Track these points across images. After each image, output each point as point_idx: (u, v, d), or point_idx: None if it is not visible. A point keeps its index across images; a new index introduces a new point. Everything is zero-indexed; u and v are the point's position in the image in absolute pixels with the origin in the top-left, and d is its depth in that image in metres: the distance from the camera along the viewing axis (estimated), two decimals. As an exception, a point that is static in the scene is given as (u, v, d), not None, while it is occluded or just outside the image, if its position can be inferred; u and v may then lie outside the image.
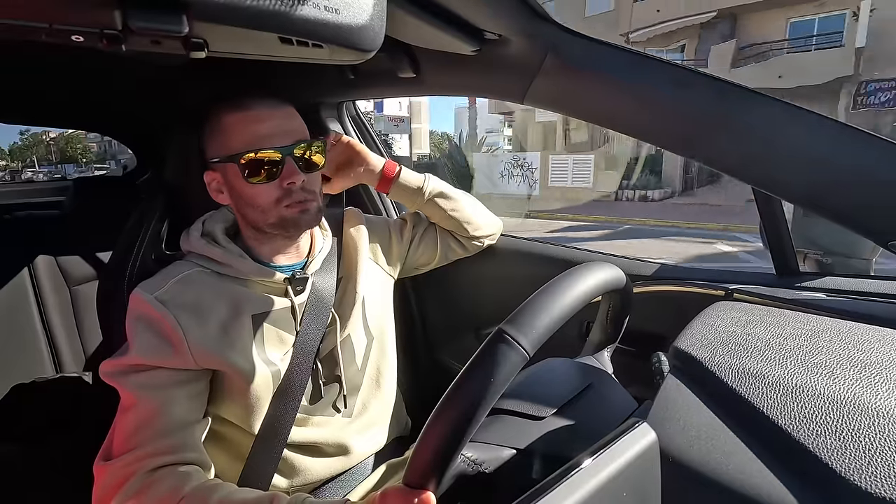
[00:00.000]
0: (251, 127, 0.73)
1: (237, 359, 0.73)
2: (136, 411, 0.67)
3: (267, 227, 0.77)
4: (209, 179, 0.79)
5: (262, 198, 0.74)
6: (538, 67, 0.76)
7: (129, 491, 0.63)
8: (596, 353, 0.76)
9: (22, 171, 31.31)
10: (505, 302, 0.66)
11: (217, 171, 0.78)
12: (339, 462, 0.84)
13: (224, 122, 0.74)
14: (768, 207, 0.83)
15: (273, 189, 0.74)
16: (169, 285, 0.73)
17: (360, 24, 0.46)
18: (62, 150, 37.47)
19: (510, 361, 0.45)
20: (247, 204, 0.76)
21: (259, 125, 0.73)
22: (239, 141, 0.73)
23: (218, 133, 0.75)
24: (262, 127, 0.73)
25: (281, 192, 0.74)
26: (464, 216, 1.04)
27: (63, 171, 27.76)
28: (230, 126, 0.74)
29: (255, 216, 0.76)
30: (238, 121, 0.73)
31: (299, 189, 0.75)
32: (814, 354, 0.53)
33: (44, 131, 40.11)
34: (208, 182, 0.79)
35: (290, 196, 0.75)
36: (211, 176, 0.79)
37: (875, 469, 0.40)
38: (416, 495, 0.45)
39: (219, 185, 0.79)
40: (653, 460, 0.48)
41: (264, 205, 0.75)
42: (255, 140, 0.72)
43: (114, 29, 0.37)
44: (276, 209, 0.75)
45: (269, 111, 0.74)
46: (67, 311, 1.47)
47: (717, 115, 0.68)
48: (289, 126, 0.76)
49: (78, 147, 36.25)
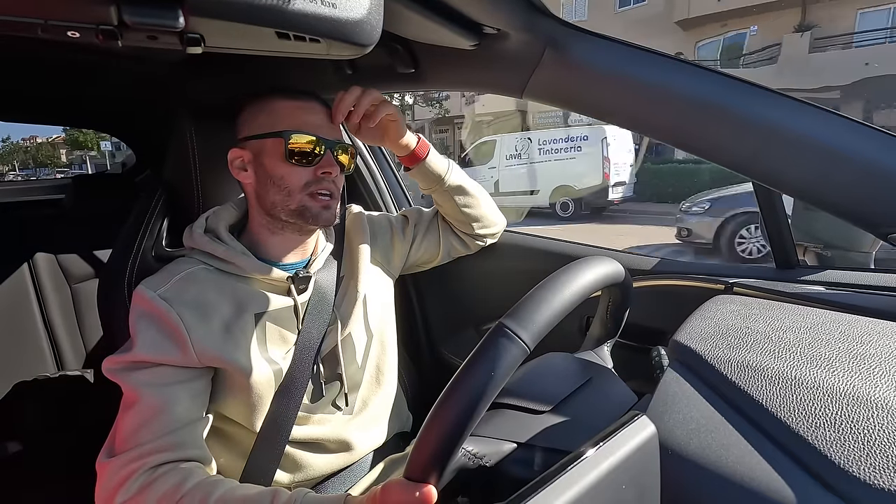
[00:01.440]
0: (303, 115, 0.78)
1: (239, 357, 0.73)
2: (138, 408, 0.67)
3: (285, 213, 0.77)
4: (234, 156, 0.80)
5: (293, 179, 0.76)
6: (537, 62, 0.76)
7: (132, 488, 0.63)
8: (596, 347, 0.76)
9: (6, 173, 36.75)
10: (505, 297, 0.66)
11: (248, 148, 0.79)
12: (340, 458, 0.84)
13: (274, 106, 0.78)
14: (768, 201, 0.83)
15: (306, 173, 0.77)
16: (172, 282, 0.73)
17: (358, 18, 0.46)
18: (34, 157, 43.39)
19: (511, 355, 0.45)
20: (274, 184, 0.77)
21: (311, 116, 0.78)
22: (289, 123, 0.76)
23: (264, 114, 0.78)
24: (314, 117, 0.78)
25: (312, 178, 0.77)
26: (474, 212, 1.02)
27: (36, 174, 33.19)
28: (281, 110, 0.78)
29: (277, 199, 0.77)
30: (290, 107, 0.78)
31: (330, 180, 0.78)
32: (813, 347, 0.53)
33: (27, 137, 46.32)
34: (232, 159, 0.80)
35: (320, 184, 0.77)
36: (237, 153, 0.80)
37: (874, 460, 0.40)
38: (418, 489, 0.45)
39: (244, 163, 0.79)
40: (652, 453, 0.48)
41: (292, 187, 0.76)
42: (305, 125, 0.77)
43: (109, 24, 0.37)
44: (301, 194, 0.77)
45: (320, 106, 0.81)
46: (68, 308, 1.48)
47: (717, 108, 0.67)
48: (331, 125, 0.81)
49: (48, 154, 42.59)
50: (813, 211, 0.75)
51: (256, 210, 0.81)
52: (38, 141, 44.60)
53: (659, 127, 0.74)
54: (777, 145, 0.65)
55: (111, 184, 1.63)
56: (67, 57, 1.04)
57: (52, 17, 0.36)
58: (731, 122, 0.67)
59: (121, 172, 1.78)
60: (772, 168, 0.68)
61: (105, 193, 1.54)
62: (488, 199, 1.05)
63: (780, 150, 0.65)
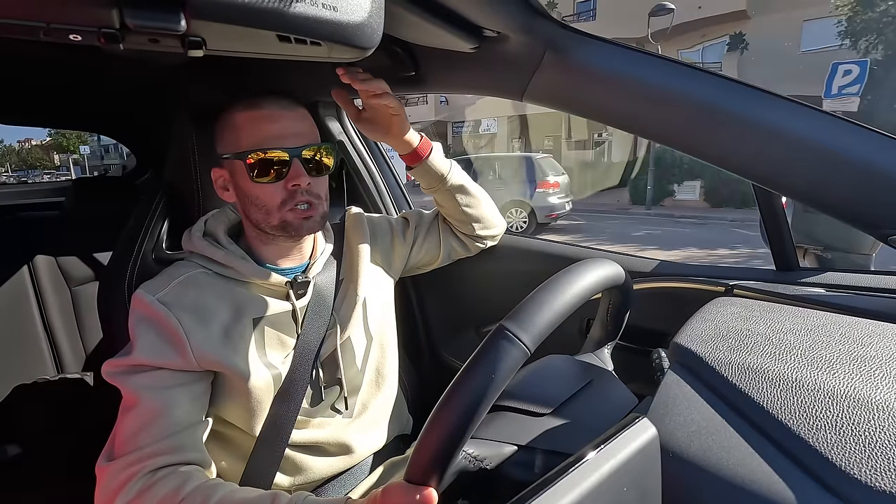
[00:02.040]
0: (262, 126, 0.73)
1: (238, 361, 0.73)
2: (138, 412, 0.67)
3: (269, 228, 0.77)
4: (216, 176, 0.79)
5: (266, 198, 0.74)
6: (537, 64, 0.76)
7: (131, 491, 0.63)
8: (596, 350, 0.76)
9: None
10: (506, 299, 0.66)
11: (225, 167, 0.78)
12: (340, 461, 0.84)
13: (236, 120, 0.75)
14: (768, 203, 0.83)
15: (278, 190, 0.74)
16: (171, 286, 0.73)
17: (358, 21, 0.46)
18: (24, 160, 46.19)
19: (511, 357, 0.45)
20: (251, 203, 0.76)
21: (270, 125, 0.73)
22: (248, 139, 0.73)
23: (229, 130, 0.75)
24: (273, 127, 0.73)
25: (286, 194, 0.74)
26: (475, 213, 1.02)
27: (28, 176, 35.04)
28: (241, 124, 0.74)
29: (259, 217, 0.76)
30: (249, 119, 0.74)
31: (304, 191, 0.75)
32: (814, 349, 0.53)
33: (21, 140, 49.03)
34: (215, 179, 0.79)
35: (294, 198, 0.75)
36: (218, 173, 0.79)
37: (875, 462, 0.40)
38: (418, 491, 0.45)
39: (225, 183, 0.79)
40: (653, 455, 0.48)
41: (268, 205, 0.75)
42: (264, 139, 0.73)
43: (111, 27, 0.37)
44: (280, 212, 0.75)
45: (280, 111, 0.75)
46: (68, 311, 1.47)
47: (717, 111, 0.67)
48: (299, 128, 0.76)
49: (37, 157, 45.39)
50: (813, 213, 0.75)
51: (247, 223, 0.81)
52: (32, 143, 46.41)
53: (658, 130, 0.74)
54: (777, 147, 0.65)
55: (111, 187, 1.63)
56: (68, 60, 1.04)
57: (55, 20, 0.36)
58: (731, 125, 0.67)
59: (121, 175, 1.79)
60: (771, 170, 0.68)
61: (105, 196, 1.54)
62: (489, 201, 1.05)
63: (779, 152, 0.65)
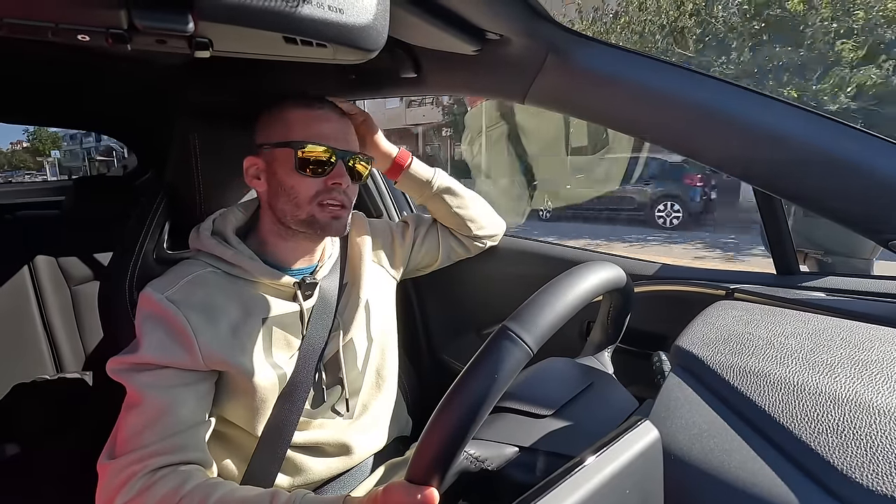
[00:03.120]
0: (317, 125, 0.77)
1: (245, 361, 0.73)
2: (141, 410, 0.67)
3: (294, 223, 0.78)
4: (248, 164, 0.80)
5: (302, 190, 0.76)
6: (539, 67, 0.76)
7: (132, 490, 0.63)
8: (596, 353, 0.76)
9: (-12, 175, 39.97)
10: (506, 302, 0.66)
11: (262, 156, 0.79)
12: (340, 462, 0.84)
13: (288, 114, 0.78)
14: (769, 207, 0.83)
15: (316, 183, 0.77)
16: (180, 285, 0.73)
17: (364, 23, 0.46)
18: (9, 161, 48.30)
19: (514, 358, 0.45)
20: (284, 194, 0.77)
21: (325, 125, 0.78)
22: (300, 133, 0.76)
23: (278, 123, 0.78)
24: (327, 127, 0.78)
25: (322, 188, 0.77)
26: (468, 214, 1.03)
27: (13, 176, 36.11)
28: (295, 118, 0.77)
29: (287, 208, 0.77)
30: (305, 116, 0.78)
31: (341, 191, 0.78)
32: (815, 353, 0.53)
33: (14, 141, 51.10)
34: (247, 167, 0.80)
35: (330, 194, 0.77)
36: (252, 161, 0.80)
37: (877, 466, 0.40)
38: (420, 491, 0.45)
39: (258, 171, 0.80)
40: (655, 458, 0.48)
41: (302, 198, 0.76)
42: (318, 136, 0.76)
43: (119, 28, 0.37)
44: (311, 205, 0.77)
45: (334, 115, 0.80)
46: (68, 311, 1.47)
47: (718, 114, 0.68)
48: (348, 135, 0.81)
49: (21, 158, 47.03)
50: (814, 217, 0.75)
51: (268, 216, 0.81)
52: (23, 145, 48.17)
53: (660, 132, 0.75)
54: (777, 151, 0.65)
55: (112, 187, 1.63)
56: (71, 59, 1.04)
57: (63, 20, 0.36)
58: (732, 129, 0.67)
59: (122, 175, 1.79)
60: (772, 174, 0.68)
61: (106, 196, 1.54)
62: (481, 201, 1.08)
63: (780, 155, 0.66)
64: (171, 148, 0.91)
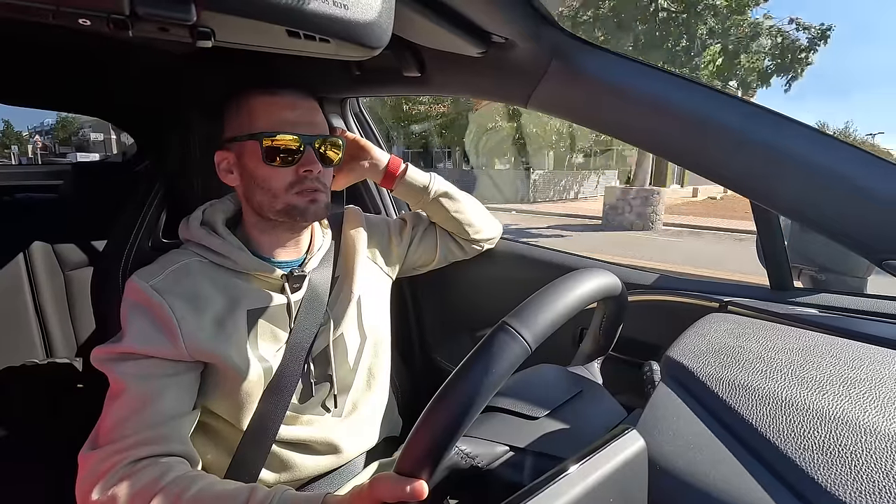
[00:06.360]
0: (280, 112, 0.74)
1: (230, 353, 0.72)
2: (124, 400, 0.66)
3: (273, 213, 0.77)
4: (220, 159, 0.79)
5: (275, 181, 0.75)
6: (543, 72, 0.76)
7: (111, 481, 0.62)
8: (586, 363, 0.76)
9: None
10: (501, 305, 0.66)
11: (231, 150, 0.78)
12: (328, 460, 0.84)
13: (252, 104, 0.75)
14: (765, 221, 0.83)
15: (288, 174, 0.75)
16: (166, 274, 0.73)
17: (368, 20, 0.46)
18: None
19: (512, 352, 0.44)
20: (258, 186, 0.76)
21: (288, 111, 0.75)
22: (265, 122, 0.74)
23: (243, 113, 0.76)
24: (291, 113, 0.75)
25: (295, 178, 0.75)
26: (466, 218, 1.03)
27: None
28: (258, 107, 0.75)
29: (264, 200, 0.76)
30: (267, 104, 0.75)
31: (314, 178, 0.76)
32: (804, 369, 0.53)
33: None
34: (218, 162, 0.79)
35: (303, 184, 0.76)
36: (222, 156, 0.79)
37: (860, 485, 0.40)
38: (408, 483, 0.44)
39: (229, 166, 0.78)
40: (641, 467, 0.48)
41: (276, 188, 0.75)
42: (281, 124, 0.74)
43: (121, 14, 0.37)
44: (287, 195, 0.75)
45: (298, 100, 0.76)
46: (61, 295, 1.46)
47: (718, 126, 0.68)
48: (314, 118, 0.78)
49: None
50: (810, 234, 0.75)
51: (248, 209, 0.81)
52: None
53: (659, 142, 0.75)
54: (775, 165, 0.66)
55: (111, 172, 1.63)
56: (73, 44, 1.04)
57: (65, 3, 0.36)
58: (732, 141, 0.68)
59: (121, 161, 1.78)
60: (769, 187, 0.68)
61: (104, 182, 1.53)
62: (479, 205, 1.08)
63: (777, 170, 0.66)
64: (171, 137, 0.91)
